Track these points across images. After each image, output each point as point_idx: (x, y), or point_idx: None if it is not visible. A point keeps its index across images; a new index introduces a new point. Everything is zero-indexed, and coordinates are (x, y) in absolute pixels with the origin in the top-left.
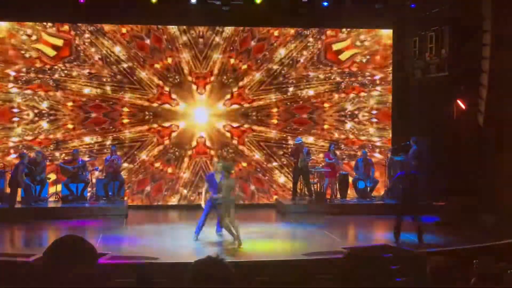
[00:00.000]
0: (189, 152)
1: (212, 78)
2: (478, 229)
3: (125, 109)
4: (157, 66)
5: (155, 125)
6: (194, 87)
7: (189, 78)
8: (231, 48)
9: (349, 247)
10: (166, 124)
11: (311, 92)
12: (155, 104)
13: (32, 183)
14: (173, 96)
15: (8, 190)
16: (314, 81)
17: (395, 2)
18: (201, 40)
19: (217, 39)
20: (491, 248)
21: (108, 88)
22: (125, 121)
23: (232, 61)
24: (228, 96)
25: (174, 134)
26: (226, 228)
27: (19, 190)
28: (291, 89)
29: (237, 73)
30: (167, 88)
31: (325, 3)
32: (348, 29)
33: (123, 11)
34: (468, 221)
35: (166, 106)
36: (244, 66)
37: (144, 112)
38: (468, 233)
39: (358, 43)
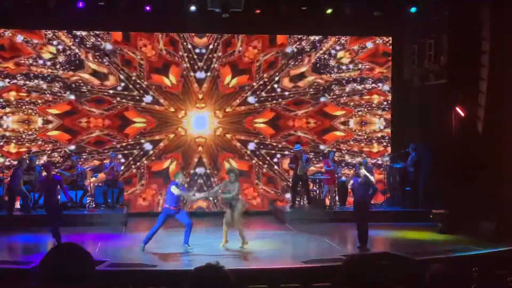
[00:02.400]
0: (189, 159)
1: (211, 85)
2: (478, 237)
3: (124, 116)
4: (156, 72)
5: (154, 132)
6: (193, 93)
7: (189, 85)
8: (230, 55)
9: (348, 255)
10: (166, 131)
11: (308, 99)
12: (154, 111)
13: (31, 191)
14: (172, 102)
15: (6, 197)
16: (312, 89)
17: (394, 10)
18: (199, 44)
19: (215, 46)
20: (491, 256)
21: (109, 95)
22: (125, 127)
23: (231, 67)
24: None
25: (173, 141)
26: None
27: (18, 197)
28: (288, 95)
29: (236, 80)
30: (164, 97)
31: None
32: (347, 37)
33: (123, 18)
34: (467, 228)
35: (165, 112)
36: (243, 74)
37: (144, 118)
38: (468, 240)
39: (357, 51)
